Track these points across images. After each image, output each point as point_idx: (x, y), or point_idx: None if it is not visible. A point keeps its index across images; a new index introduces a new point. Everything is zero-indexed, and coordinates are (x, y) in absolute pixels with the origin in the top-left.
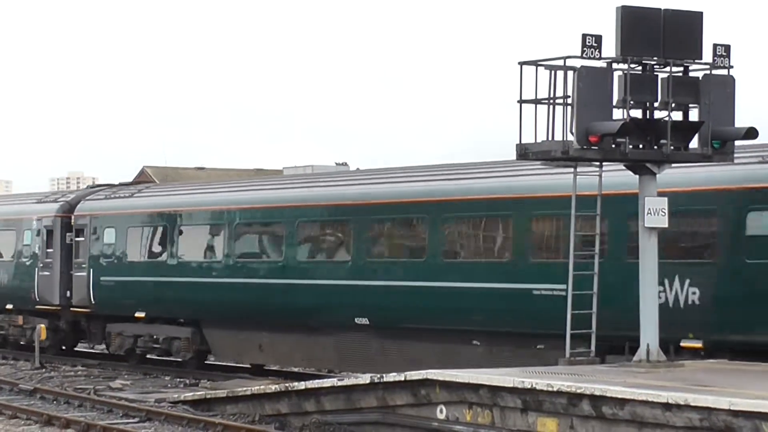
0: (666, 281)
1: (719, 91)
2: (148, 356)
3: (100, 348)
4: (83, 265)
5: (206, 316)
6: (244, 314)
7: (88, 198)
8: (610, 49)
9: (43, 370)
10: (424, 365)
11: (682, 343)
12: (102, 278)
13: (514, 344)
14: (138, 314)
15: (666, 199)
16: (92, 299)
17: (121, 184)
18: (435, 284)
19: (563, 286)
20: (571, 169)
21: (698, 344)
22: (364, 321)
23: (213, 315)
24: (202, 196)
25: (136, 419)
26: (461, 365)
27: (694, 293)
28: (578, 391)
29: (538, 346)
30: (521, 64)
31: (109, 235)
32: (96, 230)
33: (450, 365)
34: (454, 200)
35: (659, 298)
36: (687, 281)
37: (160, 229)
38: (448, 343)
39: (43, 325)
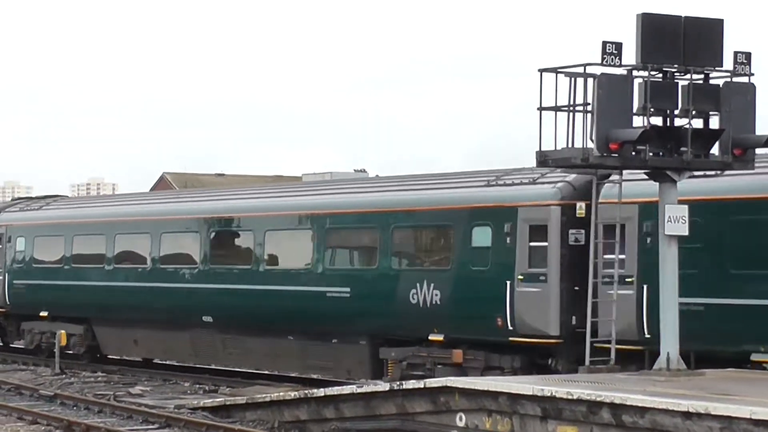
0: (417, 285)
1: (740, 99)
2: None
3: (20, 344)
4: (0, 270)
5: (94, 315)
6: (121, 313)
7: (6, 210)
8: (630, 56)
9: (64, 375)
10: (256, 356)
11: (430, 336)
12: (15, 282)
13: (319, 339)
14: (42, 313)
15: (686, 207)
16: (7, 300)
17: (35, 198)
18: (260, 287)
19: (347, 289)
20: None
21: (440, 338)
22: (209, 319)
23: (99, 314)
24: (93, 210)
25: (156, 425)
26: (282, 357)
27: (437, 295)
28: (598, 399)
29: (333, 341)
30: (541, 71)
31: (20, 244)
32: (10, 239)
33: (274, 357)
34: (277, 215)
35: (412, 299)
36: (432, 285)
37: (59, 239)
38: (272, 338)
39: (63, 331)
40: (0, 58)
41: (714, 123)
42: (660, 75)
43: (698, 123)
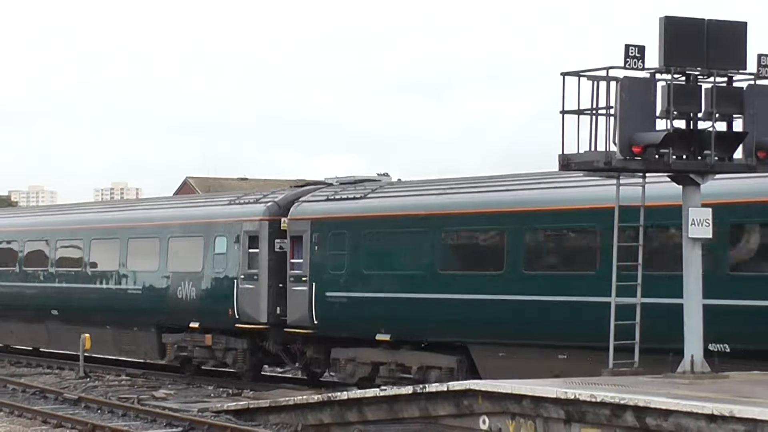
0: (182, 284)
1: (764, 102)
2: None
3: None
4: None
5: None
6: (8, 309)
7: None
8: (653, 59)
9: (88, 379)
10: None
11: (191, 325)
12: None
13: (125, 328)
14: None
15: (710, 210)
16: None
17: None
18: (85, 286)
19: (140, 288)
20: None
21: (197, 325)
22: (56, 312)
23: (2, 310)
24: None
25: (180, 429)
26: (104, 343)
27: (193, 292)
28: (622, 402)
29: (134, 329)
30: (563, 74)
31: None
32: None
33: (101, 343)
34: (98, 228)
35: (179, 296)
36: (190, 284)
37: None
38: (96, 327)
39: (87, 335)
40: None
41: (738, 126)
42: (683, 78)
43: (722, 126)
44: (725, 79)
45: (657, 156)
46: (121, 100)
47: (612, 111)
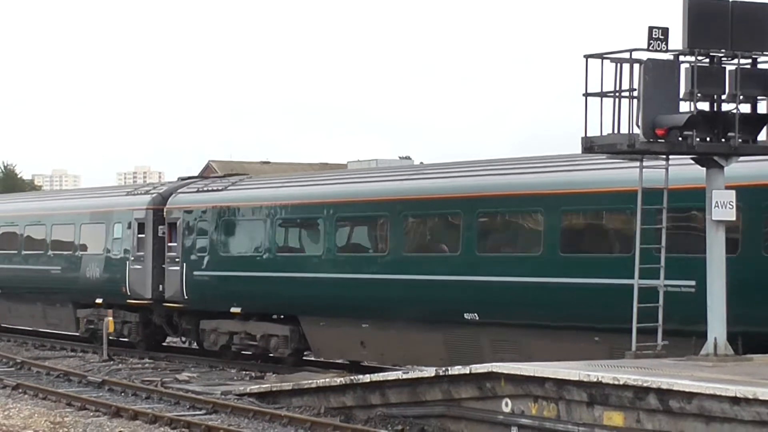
0: (90, 265)
1: None
2: None
3: None
4: None
5: None
6: None
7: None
8: (676, 41)
9: (111, 362)
10: (28, 318)
11: (96, 301)
12: None
13: (50, 304)
14: None
15: (734, 192)
16: None
17: None
18: (21, 267)
19: (59, 268)
20: None
21: (101, 301)
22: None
23: None
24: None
25: (203, 411)
26: (34, 318)
27: (97, 272)
28: (645, 384)
29: (57, 305)
30: (587, 57)
31: None
32: None
33: (37, 318)
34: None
35: (87, 275)
36: (95, 265)
37: None
38: (27, 304)
39: (110, 318)
40: (48, 50)
41: (762, 108)
42: (707, 60)
43: (746, 108)
44: (749, 60)
45: (680, 138)
46: (146, 85)
47: (635, 93)
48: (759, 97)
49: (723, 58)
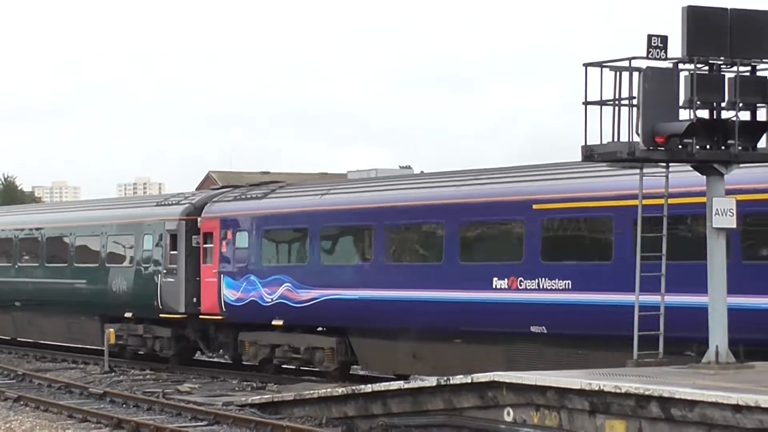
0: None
1: None
2: None
3: None
4: None
5: None
6: None
7: None
8: (675, 49)
9: (113, 374)
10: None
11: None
12: None
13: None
14: None
15: (734, 199)
16: None
17: None
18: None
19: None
20: None
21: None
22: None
23: None
24: None
25: (205, 422)
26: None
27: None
28: (646, 392)
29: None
30: (586, 65)
31: None
32: None
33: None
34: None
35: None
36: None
37: None
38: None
39: (112, 330)
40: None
41: (761, 115)
42: (706, 68)
43: (745, 115)
44: (749, 68)
45: (680, 146)
46: (146, 95)
47: (635, 101)
48: (758, 105)
49: (722, 66)
